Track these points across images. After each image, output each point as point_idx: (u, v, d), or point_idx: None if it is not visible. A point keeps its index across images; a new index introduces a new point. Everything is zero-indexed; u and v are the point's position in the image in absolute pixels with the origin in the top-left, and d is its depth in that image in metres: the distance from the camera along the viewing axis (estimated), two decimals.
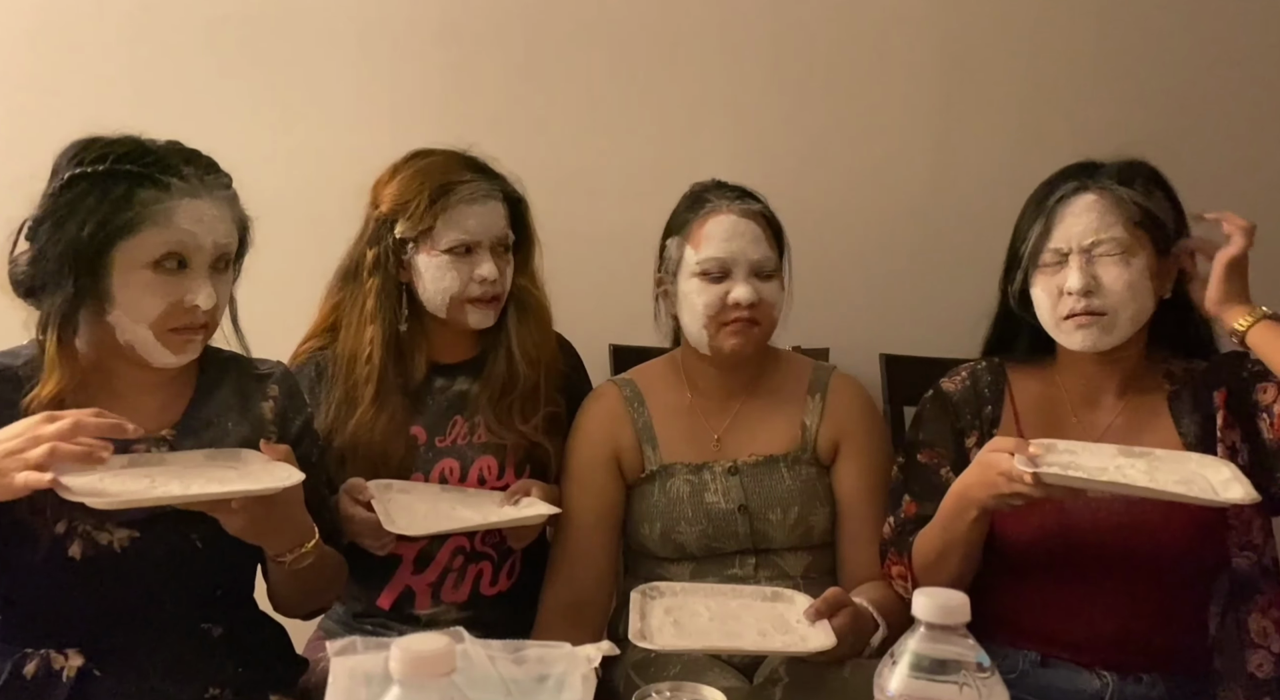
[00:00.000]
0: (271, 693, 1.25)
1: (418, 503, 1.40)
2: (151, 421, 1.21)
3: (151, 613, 1.19)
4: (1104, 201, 1.30)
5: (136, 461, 1.15)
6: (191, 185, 1.17)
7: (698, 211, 1.49)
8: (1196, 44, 2.01)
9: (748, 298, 1.44)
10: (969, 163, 2.00)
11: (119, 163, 1.14)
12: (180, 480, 1.10)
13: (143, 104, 1.88)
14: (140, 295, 1.14)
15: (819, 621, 1.22)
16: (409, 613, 1.52)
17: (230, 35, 1.93)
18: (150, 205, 1.13)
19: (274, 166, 1.92)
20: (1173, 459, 1.21)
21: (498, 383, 1.52)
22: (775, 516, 1.47)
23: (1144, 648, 1.27)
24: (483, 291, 1.47)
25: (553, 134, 1.97)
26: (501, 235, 1.49)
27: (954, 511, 1.25)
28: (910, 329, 1.87)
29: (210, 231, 1.18)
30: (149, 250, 1.14)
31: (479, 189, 1.47)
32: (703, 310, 1.45)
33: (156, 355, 1.18)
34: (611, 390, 1.58)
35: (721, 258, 1.45)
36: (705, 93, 1.99)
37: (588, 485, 1.52)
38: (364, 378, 1.47)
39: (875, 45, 2.00)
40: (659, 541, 1.49)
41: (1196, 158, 1.98)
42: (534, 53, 1.97)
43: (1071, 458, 1.17)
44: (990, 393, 1.40)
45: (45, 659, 1.14)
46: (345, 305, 1.52)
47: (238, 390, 1.29)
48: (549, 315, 1.59)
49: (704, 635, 1.21)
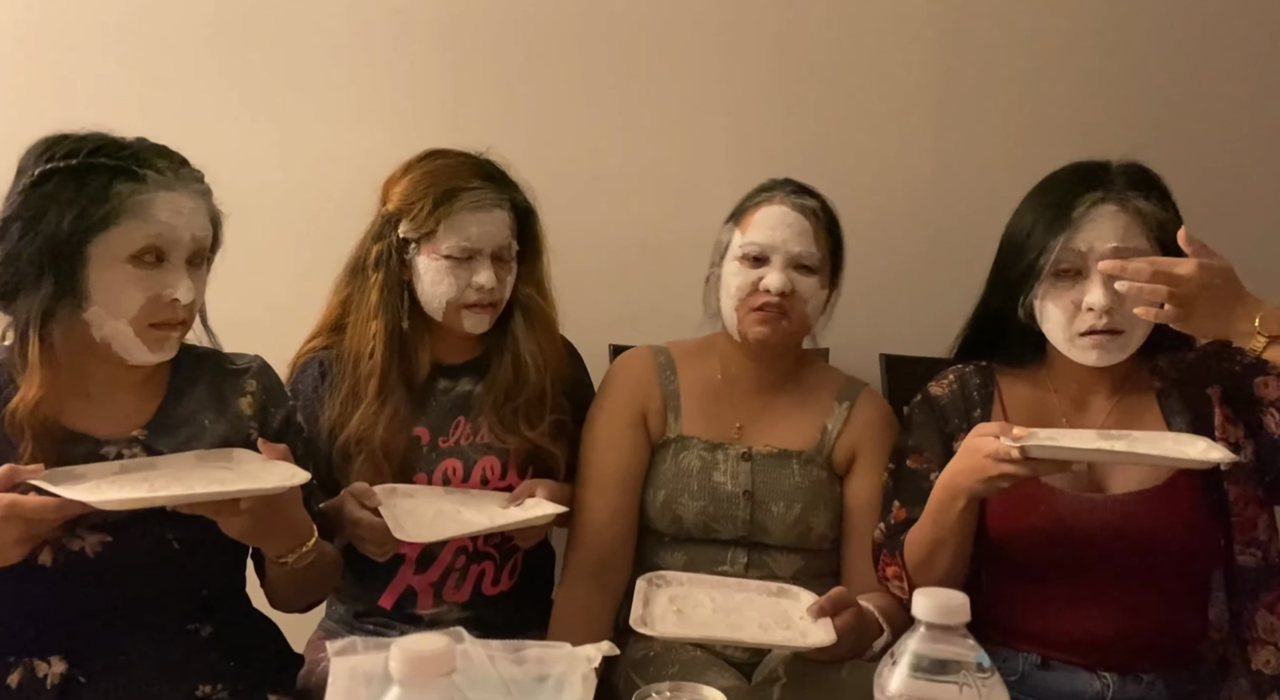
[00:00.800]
0: (270, 692, 1.25)
1: (423, 507, 1.40)
2: (124, 422, 1.20)
3: (134, 616, 1.17)
4: (1126, 214, 1.28)
5: (128, 467, 1.13)
6: (167, 178, 1.15)
7: (755, 200, 1.52)
8: (1197, 43, 2.01)
9: (779, 286, 1.45)
10: (969, 163, 2.00)
11: (93, 156, 1.12)
12: (180, 483, 1.08)
13: (142, 104, 1.88)
14: (119, 290, 1.13)
15: (821, 619, 1.22)
16: (411, 613, 1.52)
17: (230, 35, 1.93)
18: (128, 198, 1.12)
19: (275, 167, 1.93)
20: (1150, 438, 1.21)
21: (502, 387, 1.53)
22: (777, 509, 1.48)
23: (1144, 648, 1.27)
24: (479, 298, 1.47)
25: (552, 134, 1.97)
26: (504, 244, 1.49)
27: (943, 502, 1.24)
28: (910, 329, 1.87)
29: (188, 225, 1.16)
30: (128, 244, 1.12)
31: (485, 197, 1.47)
32: (735, 292, 1.48)
33: (134, 352, 1.16)
34: (645, 354, 1.60)
35: (761, 243, 1.47)
36: (705, 93, 1.99)
37: (616, 442, 1.53)
38: (368, 373, 1.48)
39: (876, 45, 1.99)
40: (659, 510, 1.50)
41: (1197, 157, 1.98)
42: (533, 53, 1.97)
43: (1053, 442, 1.17)
44: (979, 396, 1.40)
45: (29, 667, 1.13)
46: (352, 301, 1.53)
47: (213, 387, 1.27)
48: (555, 323, 1.59)
49: (705, 626, 1.22)
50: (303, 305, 1.60)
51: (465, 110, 1.95)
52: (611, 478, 1.52)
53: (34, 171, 1.12)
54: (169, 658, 1.18)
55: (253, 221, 1.80)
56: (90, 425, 1.18)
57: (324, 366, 1.53)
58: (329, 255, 1.58)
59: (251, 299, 1.86)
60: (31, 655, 1.13)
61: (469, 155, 1.52)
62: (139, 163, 1.14)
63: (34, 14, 1.90)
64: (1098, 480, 1.31)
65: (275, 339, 1.54)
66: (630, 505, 1.52)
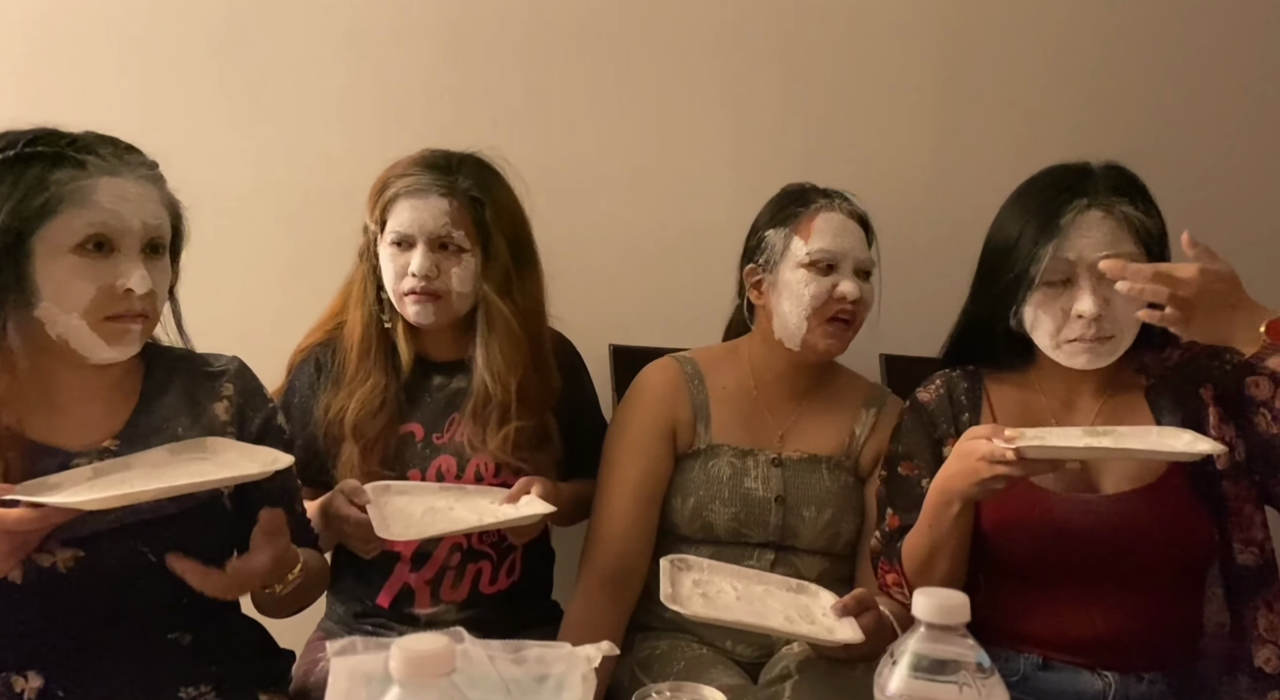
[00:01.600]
0: (260, 691, 1.23)
1: (415, 505, 1.39)
2: (94, 432, 1.15)
3: (111, 628, 1.14)
4: (1113, 219, 1.28)
5: (101, 471, 1.09)
6: (110, 164, 1.11)
7: (808, 206, 1.53)
8: (1197, 43, 2.01)
9: (854, 293, 1.48)
10: (969, 163, 2.00)
11: (30, 145, 1.08)
12: (160, 477, 1.05)
13: (140, 106, 1.89)
14: (66, 282, 1.08)
15: (845, 617, 1.22)
16: (409, 612, 1.52)
17: (227, 37, 1.93)
18: (66, 184, 1.07)
19: (273, 167, 1.92)
20: (1135, 433, 1.21)
21: (476, 394, 1.51)
22: (809, 514, 1.49)
23: (1143, 647, 1.27)
24: (413, 285, 1.46)
25: (553, 134, 1.96)
26: (440, 232, 1.46)
27: (938, 508, 1.24)
28: (910, 329, 1.87)
29: (137, 211, 1.11)
30: (70, 233, 1.08)
31: (419, 183, 1.47)
32: (809, 300, 1.48)
33: (93, 348, 1.11)
34: (673, 365, 1.60)
35: (833, 251, 1.48)
36: (706, 93, 1.99)
37: (644, 451, 1.53)
38: (356, 357, 1.51)
39: (877, 46, 2.00)
40: (688, 517, 1.50)
41: (1197, 157, 1.98)
42: (534, 53, 1.96)
43: (1040, 441, 1.17)
44: (967, 400, 1.40)
45: (5, 682, 1.10)
46: (345, 293, 1.58)
47: (186, 392, 1.22)
48: (519, 327, 1.50)
49: (732, 610, 1.22)
50: (299, 304, 1.61)
51: (465, 111, 1.95)
52: (634, 487, 1.52)
53: None
54: (150, 666, 1.15)
55: (252, 221, 1.80)
56: (59, 437, 1.13)
57: (320, 362, 1.54)
58: (326, 255, 1.58)
59: (246, 298, 1.86)
60: (7, 670, 1.11)
61: (431, 149, 1.52)
62: (79, 149, 1.10)
63: (29, 16, 1.90)
64: (1090, 480, 1.31)
65: (272, 339, 1.54)
66: (649, 516, 1.52)
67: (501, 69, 1.96)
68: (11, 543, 1.01)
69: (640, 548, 1.52)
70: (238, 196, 1.85)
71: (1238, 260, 1.22)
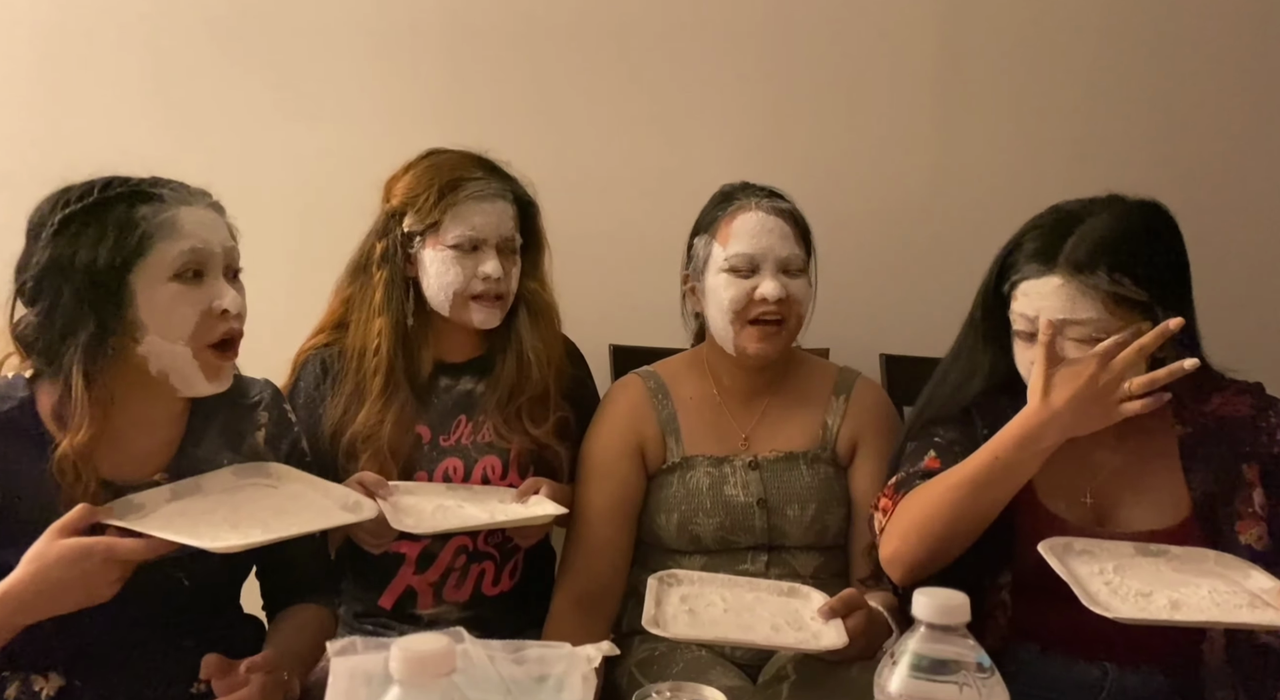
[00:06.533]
0: None
1: (424, 502, 1.40)
2: (144, 465, 1.19)
3: (128, 632, 1.17)
4: (1070, 287, 1.18)
5: (179, 492, 1.15)
6: (181, 194, 1.17)
7: (726, 209, 1.50)
8: (1197, 45, 2.01)
9: (775, 293, 1.45)
10: (969, 163, 2.00)
11: (105, 190, 1.13)
12: (279, 518, 1.13)
13: (146, 107, 1.89)
14: (170, 309, 1.13)
15: (832, 620, 1.22)
16: (411, 613, 1.52)
17: (239, 38, 1.93)
18: (153, 218, 1.13)
19: (278, 167, 1.93)
20: (1192, 558, 1.19)
21: (507, 385, 1.53)
22: (793, 512, 1.48)
23: (1142, 642, 1.26)
24: (485, 288, 1.47)
25: (554, 135, 1.97)
26: (508, 236, 1.50)
27: (1010, 455, 1.15)
28: (910, 329, 1.87)
29: (216, 236, 1.18)
30: (168, 263, 1.13)
31: (488, 187, 1.48)
32: (729, 304, 1.46)
33: (193, 381, 1.17)
34: (636, 382, 1.59)
35: (749, 253, 1.46)
36: (707, 94, 1.99)
37: (611, 474, 1.52)
38: (372, 370, 1.48)
39: (876, 46, 2.00)
40: (675, 532, 1.49)
41: (1197, 157, 1.98)
42: (535, 54, 1.97)
43: (1091, 557, 1.16)
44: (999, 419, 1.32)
45: (25, 682, 1.13)
46: (355, 300, 1.53)
47: (229, 426, 1.27)
48: (558, 320, 1.59)
49: (717, 626, 1.21)
50: (304, 305, 1.60)
51: (465, 111, 1.95)
52: (602, 510, 1.51)
53: (53, 221, 1.11)
54: (163, 665, 1.18)
55: (255, 222, 1.80)
56: (111, 471, 1.16)
57: (326, 364, 1.53)
58: (330, 256, 1.58)
59: (253, 300, 1.86)
60: (28, 671, 1.14)
61: (469, 151, 1.53)
62: (150, 185, 1.16)
63: (43, 19, 1.90)
64: (1105, 517, 1.29)
65: (277, 339, 1.54)
66: (621, 536, 1.52)
67: (504, 70, 1.97)
68: (123, 571, 1.05)
69: (615, 568, 1.51)
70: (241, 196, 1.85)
71: (1238, 260, 1.22)
